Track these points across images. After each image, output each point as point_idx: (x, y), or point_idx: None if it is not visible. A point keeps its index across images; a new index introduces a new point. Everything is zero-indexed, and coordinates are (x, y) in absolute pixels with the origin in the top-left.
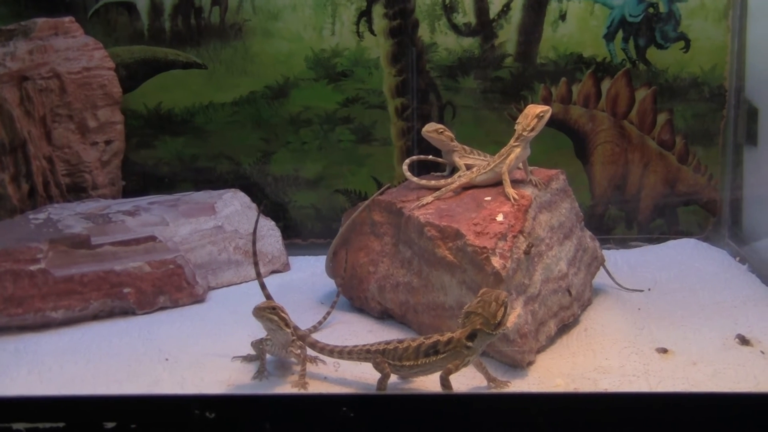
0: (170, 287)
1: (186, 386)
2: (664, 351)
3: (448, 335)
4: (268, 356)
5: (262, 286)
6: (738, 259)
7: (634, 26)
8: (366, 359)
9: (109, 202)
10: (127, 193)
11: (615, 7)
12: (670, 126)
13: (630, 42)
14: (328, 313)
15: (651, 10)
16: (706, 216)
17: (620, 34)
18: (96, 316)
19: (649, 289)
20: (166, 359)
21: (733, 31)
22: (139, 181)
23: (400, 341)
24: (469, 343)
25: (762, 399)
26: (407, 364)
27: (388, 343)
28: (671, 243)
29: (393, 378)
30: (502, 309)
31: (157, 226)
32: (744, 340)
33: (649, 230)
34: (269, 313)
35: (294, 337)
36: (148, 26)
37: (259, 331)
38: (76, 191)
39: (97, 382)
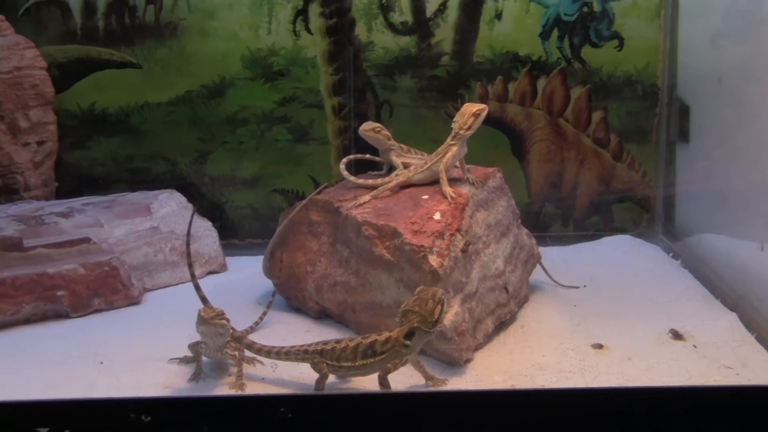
0: (105, 289)
1: (122, 389)
2: (600, 347)
3: (385, 335)
4: (204, 358)
5: (197, 288)
6: (671, 254)
7: (569, 25)
8: (304, 360)
9: (41, 203)
10: (60, 194)
11: (550, 6)
12: (604, 124)
13: (565, 40)
14: (264, 314)
15: (585, 9)
16: (640, 212)
17: (555, 33)
18: (28, 320)
19: (585, 286)
20: (101, 362)
21: (665, 30)
22: (73, 182)
23: (338, 341)
24: (407, 342)
25: (694, 392)
26: (345, 364)
27: (326, 343)
28: (606, 239)
29: (331, 378)
30: (439, 306)
31: (92, 228)
32: (677, 335)
33: (585, 227)
34: (219, 319)
35: (229, 338)
36: (81, 25)
37: (194, 332)
38: (8, 193)
39: (30, 387)
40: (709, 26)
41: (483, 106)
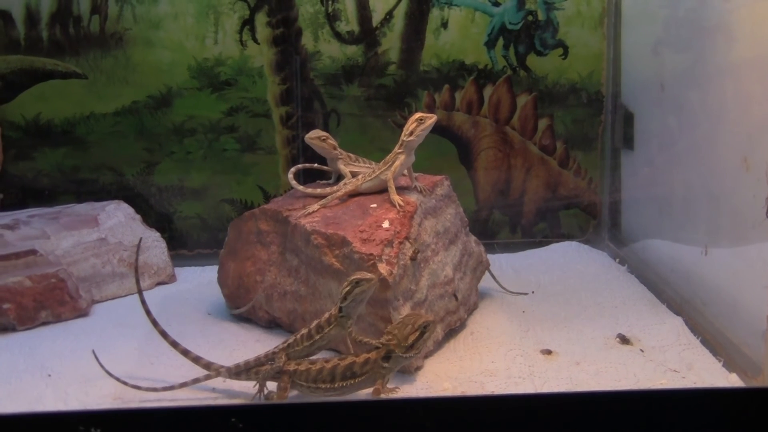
0: (52, 302)
1: (70, 402)
2: (549, 352)
3: (363, 357)
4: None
5: (147, 311)
6: (617, 260)
7: (514, 34)
8: (273, 379)
9: None
10: (5, 206)
11: (495, 15)
12: (550, 131)
13: (510, 49)
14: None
15: (530, 17)
16: (587, 219)
17: (501, 42)
18: None
19: (533, 292)
20: (49, 375)
21: (608, 39)
22: (18, 194)
23: (312, 362)
24: (385, 364)
25: (642, 396)
26: (323, 386)
27: (298, 363)
28: (553, 246)
29: (270, 385)
30: (417, 334)
31: (38, 240)
32: (624, 339)
33: (533, 234)
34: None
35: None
36: (25, 35)
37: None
38: None
39: None
40: (651, 34)
41: (431, 115)
